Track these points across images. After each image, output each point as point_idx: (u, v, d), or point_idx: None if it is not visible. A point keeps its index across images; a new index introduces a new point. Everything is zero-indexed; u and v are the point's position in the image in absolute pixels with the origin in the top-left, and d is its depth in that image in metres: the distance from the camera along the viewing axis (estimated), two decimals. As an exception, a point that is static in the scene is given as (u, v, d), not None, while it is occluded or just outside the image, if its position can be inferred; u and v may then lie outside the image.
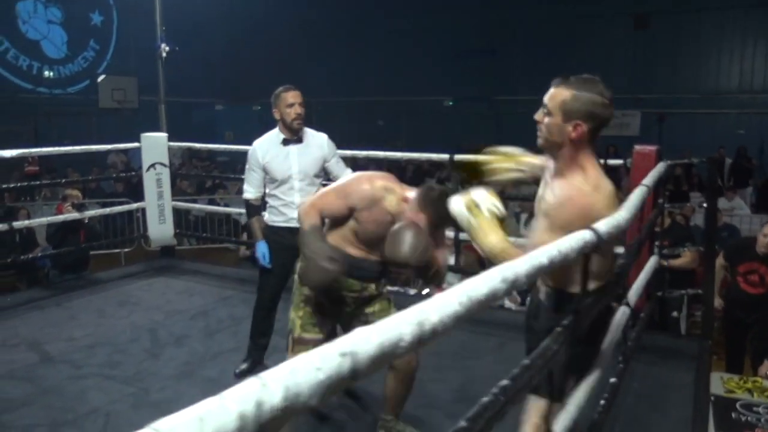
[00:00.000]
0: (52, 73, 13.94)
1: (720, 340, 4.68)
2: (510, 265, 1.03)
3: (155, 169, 5.09)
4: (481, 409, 1.09)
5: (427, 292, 2.86)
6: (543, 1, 15.27)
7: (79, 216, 5.54)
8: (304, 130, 3.21)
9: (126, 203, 7.07)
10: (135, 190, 7.83)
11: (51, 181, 8.30)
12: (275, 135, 3.21)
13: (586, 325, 1.61)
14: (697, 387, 3.14)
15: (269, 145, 3.19)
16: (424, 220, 2.20)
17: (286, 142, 3.17)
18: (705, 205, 3.69)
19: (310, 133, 3.25)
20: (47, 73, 13.86)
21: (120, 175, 10.17)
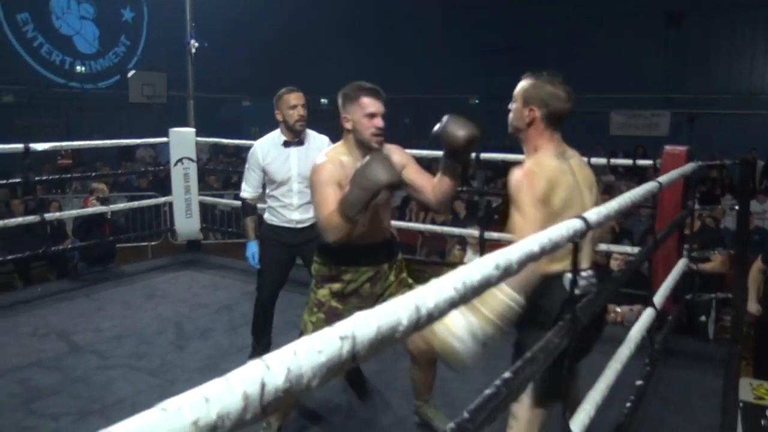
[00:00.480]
0: (83, 68, 14.18)
1: (747, 345, 4.58)
2: (503, 252, 1.06)
3: (183, 163, 5.15)
4: (484, 401, 1.09)
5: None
6: (572, -3, 15.10)
7: (104, 209, 5.64)
8: (306, 132, 3.20)
9: (153, 197, 7.17)
10: (161, 185, 7.94)
11: (81, 175, 8.45)
12: (276, 136, 3.21)
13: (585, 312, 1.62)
14: (725, 392, 3.08)
15: (270, 146, 3.18)
16: (368, 97, 2.33)
17: (287, 144, 3.16)
18: (737, 207, 3.62)
19: (311, 136, 3.23)
20: (79, 68, 14.10)
21: (148, 169, 10.32)
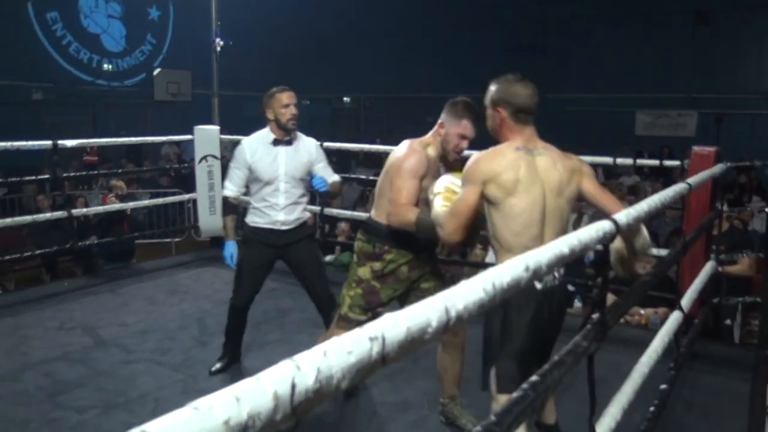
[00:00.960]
0: (110, 66, 14.37)
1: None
2: (532, 254, 1.06)
3: (207, 161, 5.19)
4: (511, 404, 1.08)
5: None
6: (597, -4, 14.91)
7: (125, 207, 5.71)
8: (295, 132, 3.18)
9: (177, 194, 7.24)
10: (184, 182, 8.01)
11: (107, 171, 8.56)
12: (265, 134, 3.17)
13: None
14: (752, 398, 3.02)
15: (258, 144, 3.15)
16: (468, 122, 2.41)
17: (276, 143, 3.13)
18: (766, 210, 3.55)
19: (300, 137, 3.22)
20: (106, 66, 14.29)
21: (172, 166, 10.43)
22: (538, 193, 1.97)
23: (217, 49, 6.02)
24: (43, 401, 2.91)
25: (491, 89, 2.13)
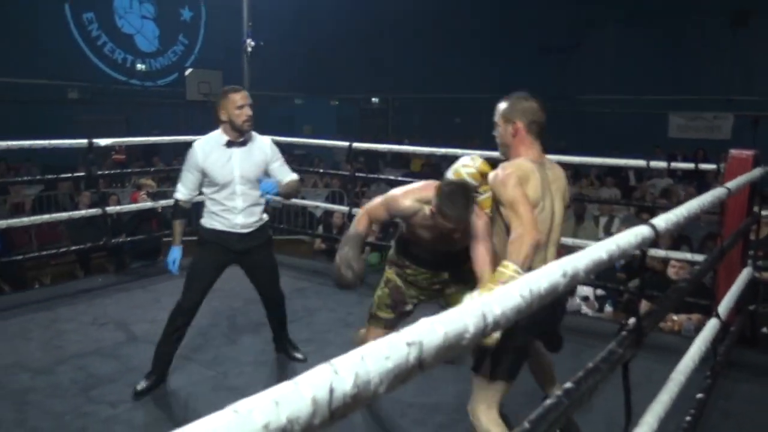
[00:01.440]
0: (144, 66, 14.63)
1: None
2: (570, 259, 1.04)
3: (237, 160, 5.23)
4: (545, 411, 1.07)
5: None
6: (632, -5, 14.68)
7: (155, 205, 5.78)
8: (250, 133, 3.08)
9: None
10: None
11: (141, 169, 8.71)
12: (218, 136, 3.03)
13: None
14: (791, 409, 2.94)
15: (211, 146, 3.01)
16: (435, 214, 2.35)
17: (230, 144, 3.01)
18: (806, 215, 3.46)
19: (254, 136, 3.11)
20: (140, 66, 14.55)
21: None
22: (549, 205, 2.10)
23: (248, 49, 6.08)
24: (77, 394, 2.97)
25: (502, 105, 2.18)
